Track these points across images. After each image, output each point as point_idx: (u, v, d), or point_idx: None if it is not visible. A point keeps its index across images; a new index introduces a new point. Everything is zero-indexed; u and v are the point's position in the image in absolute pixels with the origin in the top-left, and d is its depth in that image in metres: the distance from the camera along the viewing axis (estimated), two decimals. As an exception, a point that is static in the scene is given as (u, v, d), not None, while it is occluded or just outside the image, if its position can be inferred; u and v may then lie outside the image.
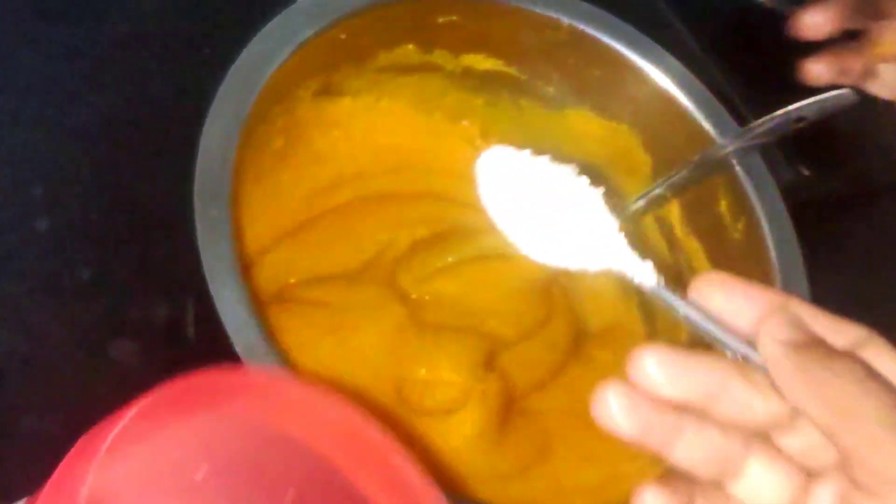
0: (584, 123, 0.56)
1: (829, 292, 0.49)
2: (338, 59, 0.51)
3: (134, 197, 0.53)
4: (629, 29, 0.53)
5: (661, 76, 0.52)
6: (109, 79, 0.56)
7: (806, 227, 0.51)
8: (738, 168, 0.50)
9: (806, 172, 0.61)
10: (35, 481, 0.45)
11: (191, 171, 0.41)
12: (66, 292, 0.50)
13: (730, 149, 0.48)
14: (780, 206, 0.50)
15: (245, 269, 0.40)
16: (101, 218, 0.52)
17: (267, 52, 0.45)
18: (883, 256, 0.65)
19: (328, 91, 0.53)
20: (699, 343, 0.52)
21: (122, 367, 0.49)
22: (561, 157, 0.58)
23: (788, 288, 0.48)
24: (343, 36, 0.48)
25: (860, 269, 0.64)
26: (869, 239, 0.65)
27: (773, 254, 0.49)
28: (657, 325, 0.57)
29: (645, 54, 0.52)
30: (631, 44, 0.52)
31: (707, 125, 0.51)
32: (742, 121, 0.51)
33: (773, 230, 0.49)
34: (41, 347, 0.48)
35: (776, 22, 0.63)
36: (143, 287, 0.51)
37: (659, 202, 0.52)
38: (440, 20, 0.51)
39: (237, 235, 0.41)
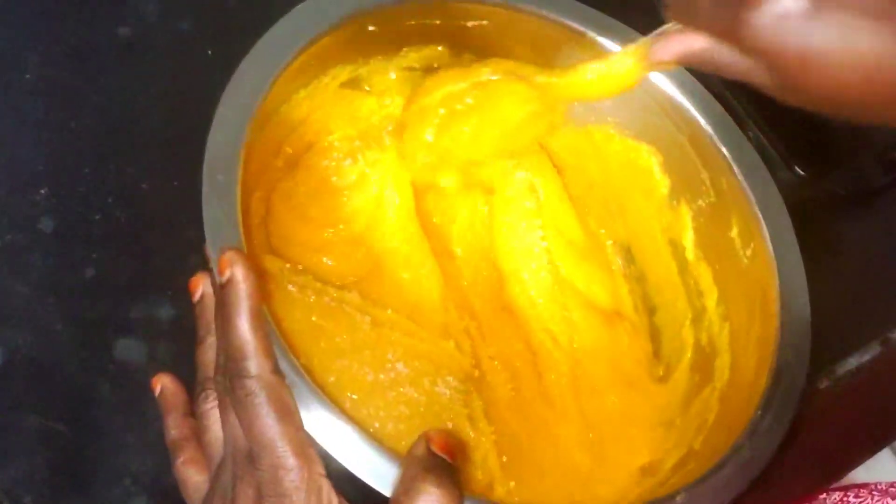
0: (606, 140, 0.55)
1: (826, 292, 0.50)
2: (367, 52, 0.51)
3: (137, 197, 0.54)
4: None
5: (683, 99, 0.52)
6: (112, 81, 0.57)
7: (803, 228, 0.51)
8: (735, 167, 0.50)
9: (802, 173, 0.62)
10: (39, 478, 0.46)
11: (193, 172, 0.41)
12: (69, 291, 0.50)
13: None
14: (780, 205, 0.50)
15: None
16: (104, 218, 0.52)
17: (295, 30, 0.45)
18: (880, 256, 0.66)
19: (355, 85, 0.52)
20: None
21: (125, 365, 0.49)
22: (583, 173, 0.58)
23: (788, 289, 0.48)
24: (372, 27, 0.48)
25: (858, 269, 0.64)
26: (866, 239, 0.65)
27: (771, 253, 0.49)
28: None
29: (668, 75, 0.52)
30: None
31: (726, 150, 0.51)
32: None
33: (770, 230, 0.49)
34: (45, 345, 0.49)
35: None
36: (145, 286, 0.51)
37: None
38: (470, 24, 0.51)
39: (244, 208, 0.41)
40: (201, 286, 0.42)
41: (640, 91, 0.52)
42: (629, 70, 0.45)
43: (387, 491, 0.37)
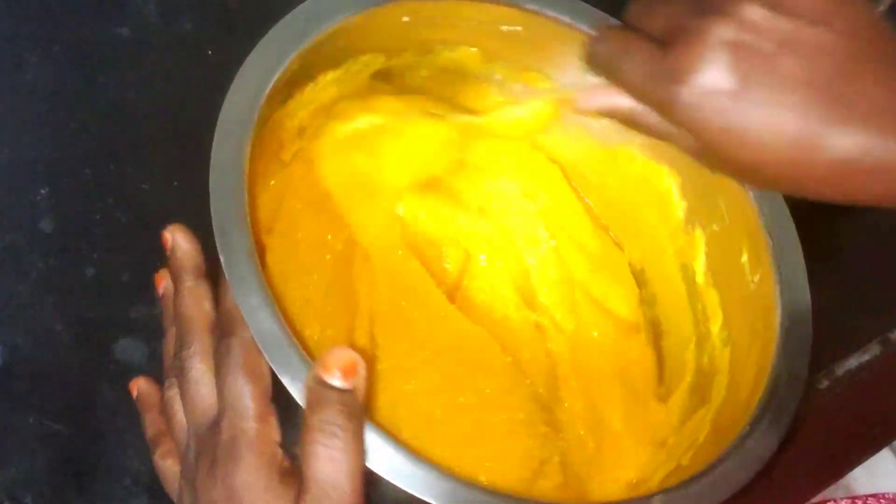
0: (628, 161, 0.55)
1: (826, 293, 0.50)
2: (399, 44, 0.50)
3: (137, 197, 0.54)
4: None
5: None
6: (112, 81, 0.57)
7: (803, 228, 0.51)
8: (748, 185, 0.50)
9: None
10: (39, 478, 0.46)
11: (193, 172, 0.41)
12: (69, 291, 0.50)
13: None
14: (789, 222, 0.50)
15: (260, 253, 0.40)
16: (104, 218, 0.53)
17: (321, 11, 0.44)
18: (880, 256, 0.66)
19: (387, 78, 0.51)
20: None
21: (125, 365, 0.49)
22: (603, 192, 0.57)
23: (792, 313, 0.47)
24: (406, 18, 0.47)
25: (858, 269, 0.64)
26: (866, 239, 0.65)
27: (778, 279, 0.48)
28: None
29: None
30: None
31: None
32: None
33: (778, 253, 0.49)
34: (45, 345, 0.49)
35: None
36: (145, 286, 0.51)
37: None
38: (504, 28, 0.50)
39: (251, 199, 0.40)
40: (164, 281, 0.45)
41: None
42: (547, 116, 0.48)
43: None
